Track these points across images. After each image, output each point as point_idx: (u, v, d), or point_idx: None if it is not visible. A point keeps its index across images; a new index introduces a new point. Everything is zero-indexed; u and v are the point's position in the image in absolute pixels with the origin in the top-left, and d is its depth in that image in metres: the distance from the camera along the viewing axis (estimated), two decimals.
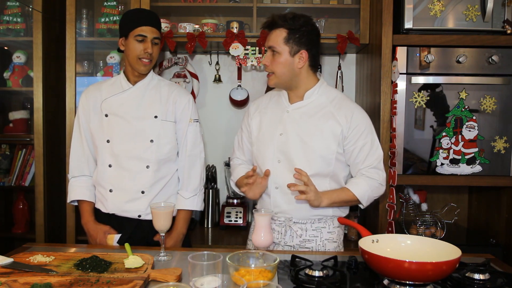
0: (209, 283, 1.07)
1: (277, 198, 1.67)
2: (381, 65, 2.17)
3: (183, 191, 1.86)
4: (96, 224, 1.81)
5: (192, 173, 1.86)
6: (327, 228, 1.69)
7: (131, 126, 1.78)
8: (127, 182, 1.77)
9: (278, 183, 1.66)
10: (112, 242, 1.77)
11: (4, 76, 2.63)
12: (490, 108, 2.13)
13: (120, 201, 1.78)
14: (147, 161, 1.78)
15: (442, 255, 1.17)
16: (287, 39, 1.60)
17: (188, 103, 1.85)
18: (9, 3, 2.58)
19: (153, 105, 1.81)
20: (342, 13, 2.64)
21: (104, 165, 1.80)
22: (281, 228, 1.69)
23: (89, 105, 1.84)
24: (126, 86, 1.82)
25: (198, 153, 1.88)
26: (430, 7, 2.15)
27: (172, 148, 1.83)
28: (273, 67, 1.63)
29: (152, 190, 1.79)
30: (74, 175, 1.88)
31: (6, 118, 2.67)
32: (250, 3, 2.46)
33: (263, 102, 1.81)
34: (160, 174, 1.80)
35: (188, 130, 1.84)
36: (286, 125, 1.67)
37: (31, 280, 1.19)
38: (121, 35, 1.78)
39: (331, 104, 1.67)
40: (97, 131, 1.82)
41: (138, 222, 1.80)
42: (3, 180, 2.64)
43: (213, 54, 2.76)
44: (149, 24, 1.75)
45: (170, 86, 1.88)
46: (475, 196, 2.61)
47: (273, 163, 1.66)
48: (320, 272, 1.25)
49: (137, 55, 1.74)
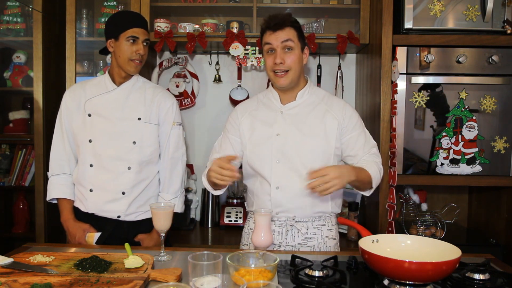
0: (209, 283, 1.07)
1: (278, 198, 1.67)
2: (381, 65, 2.17)
3: (164, 193, 1.88)
4: (75, 222, 1.81)
5: (173, 175, 1.88)
6: (326, 225, 1.71)
7: (114, 127, 1.79)
8: (108, 182, 1.78)
9: (279, 183, 1.66)
10: (92, 241, 1.78)
11: (4, 76, 2.63)
12: (490, 108, 2.13)
13: (100, 201, 1.79)
14: (129, 162, 1.79)
15: (442, 255, 1.17)
16: (298, 36, 1.65)
17: (172, 106, 1.88)
18: (9, 3, 2.58)
19: (137, 106, 1.82)
20: (342, 13, 2.64)
21: (85, 164, 1.80)
22: (282, 228, 1.69)
23: (72, 104, 1.84)
24: (111, 87, 1.82)
25: (180, 156, 1.90)
26: (430, 7, 2.15)
27: (154, 150, 1.85)
28: (290, 64, 1.63)
29: (133, 191, 1.80)
30: (55, 173, 1.87)
31: (6, 118, 2.67)
32: (250, 3, 2.46)
33: (251, 105, 1.80)
34: (141, 175, 1.82)
35: (171, 133, 1.87)
36: (282, 125, 1.68)
37: (31, 280, 1.19)
38: (110, 37, 1.78)
39: (322, 102, 1.72)
40: (79, 130, 1.82)
41: (117, 223, 1.81)
42: (3, 180, 2.64)
43: (213, 54, 2.76)
44: (140, 26, 1.77)
45: (154, 89, 1.89)
46: (475, 196, 2.61)
47: (272, 163, 1.66)
48: (320, 272, 1.25)
49: (129, 57, 1.75)
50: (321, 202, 1.67)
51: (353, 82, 2.79)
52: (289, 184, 1.65)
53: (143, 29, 1.78)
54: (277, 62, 1.62)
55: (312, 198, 1.64)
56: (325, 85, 2.75)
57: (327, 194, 1.47)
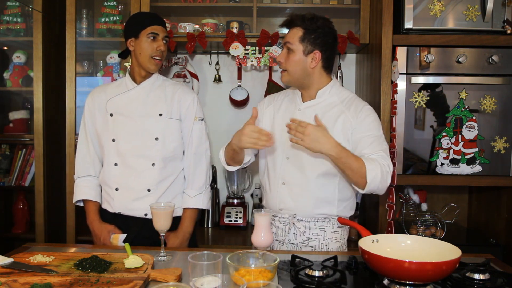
0: (209, 283, 1.07)
1: (283, 194, 1.68)
2: (381, 65, 2.17)
3: (188, 189, 1.86)
4: (101, 224, 1.81)
5: (197, 171, 1.86)
6: (330, 227, 1.70)
7: (136, 125, 1.79)
8: (133, 180, 1.78)
9: (285, 179, 1.68)
10: (117, 242, 1.77)
11: (4, 76, 2.63)
12: (490, 108, 2.13)
13: (126, 199, 1.79)
14: (153, 159, 1.78)
15: (442, 255, 1.17)
16: (303, 38, 1.62)
17: (193, 101, 1.87)
18: (9, 3, 2.58)
19: (158, 103, 1.82)
20: (342, 13, 2.64)
21: (110, 164, 1.80)
22: (285, 225, 1.70)
23: (94, 105, 1.86)
24: (131, 86, 1.83)
25: (203, 151, 1.88)
26: (430, 7, 2.15)
27: (178, 146, 1.84)
28: (286, 65, 1.65)
29: (158, 188, 1.79)
30: (80, 175, 1.88)
31: (6, 118, 2.67)
32: (250, 3, 2.46)
33: (279, 97, 1.82)
34: (166, 172, 1.81)
35: (193, 128, 1.85)
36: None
37: (31, 280, 1.19)
38: (130, 36, 1.79)
39: (341, 104, 1.68)
40: (103, 130, 1.83)
41: (144, 221, 1.79)
42: (3, 180, 2.64)
43: (213, 54, 2.76)
44: (160, 24, 1.79)
45: (174, 85, 1.90)
46: (475, 196, 2.61)
47: (282, 159, 1.69)
48: (320, 272, 1.25)
49: (150, 54, 1.76)
50: (325, 203, 1.66)
51: (353, 82, 2.79)
52: (294, 181, 1.66)
53: (162, 26, 1.80)
54: (276, 60, 1.71)
55: (315, 198, 1.64)
56: None
57: (293, 142, 1.46)
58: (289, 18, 1.67)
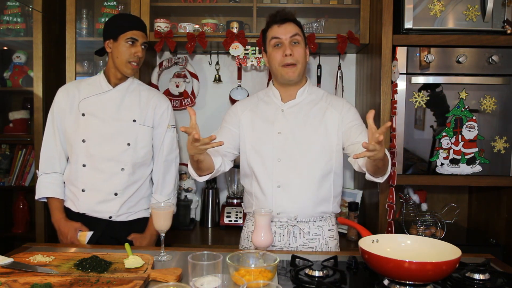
0: (209, 283, 1.07)
1: (279, 198, 1.65)
2: (381, 65, 2.17)
3: (157, 194, 1.89)
4: (67, 222, 1.81)
5: (167, 178, 1.90)
6: (327, 225, 1.70)
7: (109, 128, 1.79)
8: (101, 183, 1.78)
9: (280, 182, 1.65)
10: (84, 240, 1.78)
11: (4, 76, 2.63)
12: (490, 108, 2.13)
13: (92, 201, 1.79)
14: (123, 163, 1.79)
15: (442, 255, 1.17)
16: (301, 32, 1.67)
17: (167, 109, 1.90)
18: (9, 3, 2.58)
19: (132, 108, 1.83)
20: (342, 13, 2.64)
21: (78, 164, 1.80)
22: (283, 230, 1.67)
23: (65, 102, 1.84)
24: (106, 88, 1.83)
25: (173, 158, 1.92)
26: (430, 7, 2.15)
27: (148, 152, 1.86)
28: (297, 57, 1.64)
29: (125, 192, 1.81)
30: (45, 171, 1.86)
31: (6, 118, 2.67)
32: (250, 3, 2.46)
33: (251, 101, 1.80)
34: (134, 177, 1.83)
35: (165, 136, 1.89)
36: (283, 123, 1.68)
37: (31, 280, 1.19)
38: (108, 38, 1.79)
39: (322, 100, 1.73)
40: (72, 130, 1.81)
41: (108, 223, 1.81)
42: (3, 180, 2.64)
43: (213, 54, 2.76)
44: (140, 29, 1.79)
45: (149, 91, 1.91)
46: (475, 196, 2.61)
47: (273, 161, 1.66)
48: (320, 272, 1.25)
49: (127, 59, 1.77)
50: (323, 201, 1.67)
51: (353, 82, 2.79)
52: (291, 182, 1.64)
53: (143, 32, 1.80)
54: (287, 54, 1.61)
55: (315, 197, 1.64)
56: (325, 85, 2.75)
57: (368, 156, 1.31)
58: (286, 14, 1.66)
